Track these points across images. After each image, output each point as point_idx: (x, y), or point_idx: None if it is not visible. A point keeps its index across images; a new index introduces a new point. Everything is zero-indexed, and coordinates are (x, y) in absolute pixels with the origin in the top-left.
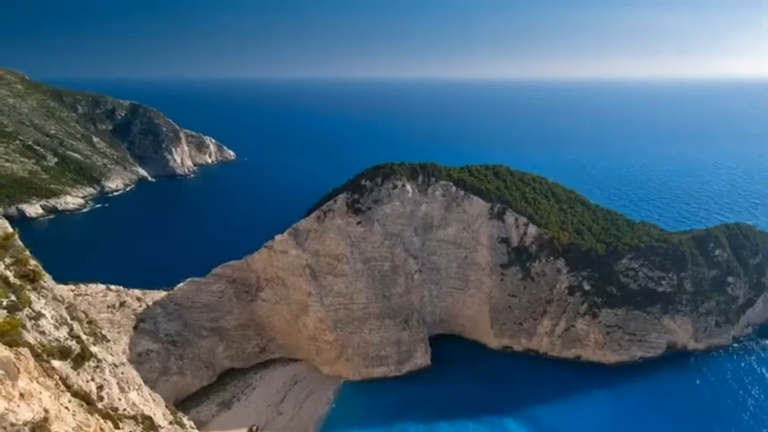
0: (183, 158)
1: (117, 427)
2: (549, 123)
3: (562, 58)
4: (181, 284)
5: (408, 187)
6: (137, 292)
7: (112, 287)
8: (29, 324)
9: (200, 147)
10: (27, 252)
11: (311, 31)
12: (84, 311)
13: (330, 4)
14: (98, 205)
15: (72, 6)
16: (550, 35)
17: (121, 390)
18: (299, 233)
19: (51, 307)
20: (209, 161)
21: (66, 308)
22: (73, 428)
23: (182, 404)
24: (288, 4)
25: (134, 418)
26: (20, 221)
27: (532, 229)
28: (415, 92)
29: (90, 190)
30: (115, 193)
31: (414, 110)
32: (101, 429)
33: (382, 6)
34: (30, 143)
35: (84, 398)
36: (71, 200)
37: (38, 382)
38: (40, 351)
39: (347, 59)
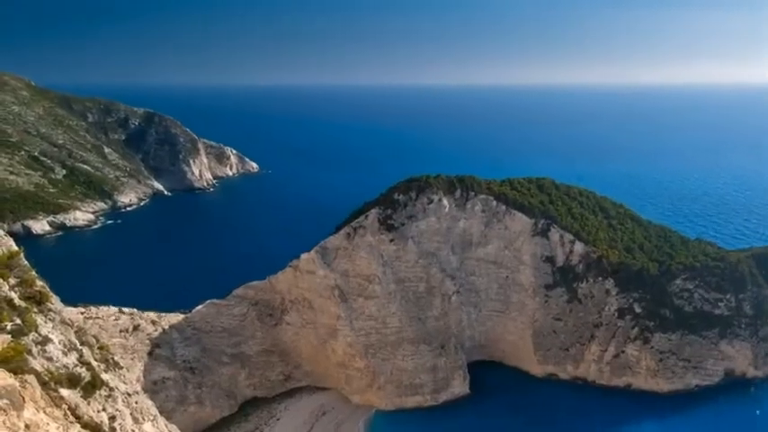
0: (201, 171)
1: None
2: (596, 132)
3: (610, 61)
4: (199, 307)
5: (445, 202)
6: (152, 315)
7: (125, 310)
8: (35, 350)
9: (221, 158)
10: (33, 272)
11: (338, 35)
12: (94, 336)
13: (359, 5)
14: (110, 221)
15: (81, 7)
16: (596, 37)
17: (135, 421)
18: (327, 251)
19: (59, 331)
20: (230, 173)
21: (76, 332)
22: None
23: None
24: (312, 7)
25: None
26: (25, 239)
27: (579, 247)
28: (451, 99)
29: (101, 205)
30: (128, 209)
31: (450, 118)
32: None
33: (414, 7)
34: (36, 154)
35: (94, 429)
36: (81, 215)
37: (45, 412)
38: (47, 379)
39: (378, 65)
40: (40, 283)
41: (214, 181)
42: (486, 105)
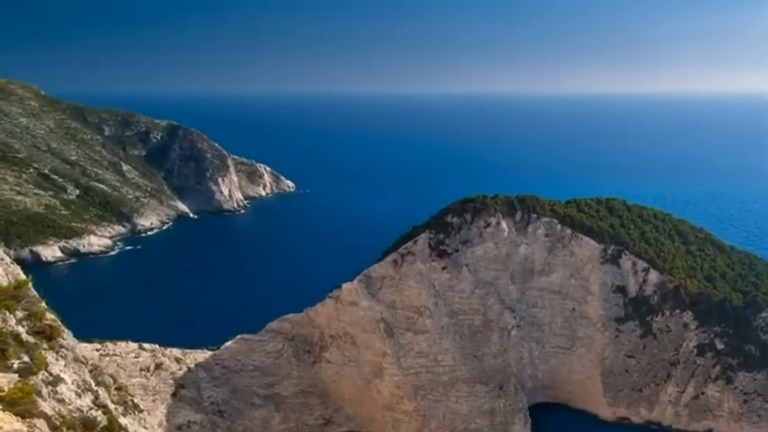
0: (231, 190)
1: None
2: (672, 147)
3: (684, 68)
4: (229, 343)
5: (504, 225)
6: (175, 351)
7: (146, 346)
8: (45, 391)
9: (252, 176)
10: (43, 304)
11: (379, 40)
12: (111, 375)
13: (409, 6)
14: (128, 247)
15: (97, 9)
16: (669, 42)
17: None
18: (372, 281)
19: (72, 370)
20: (263, 193)
21: (91, 371)
22: None
23: None
24: (354, 8)
25: None
26: (34, 267)
27: (654, 276)
28: (508, 109)
29: (119, 228)
30: (149, 233)
31: (508, 130)
32: None
33: (473, 8)
34: (46, 172)
35: None
36: (96, 240)
37: None
38: (58, 423)
39: (424, 71)
40: (50, 316)
41: (245, 202)
42: (549, 116)
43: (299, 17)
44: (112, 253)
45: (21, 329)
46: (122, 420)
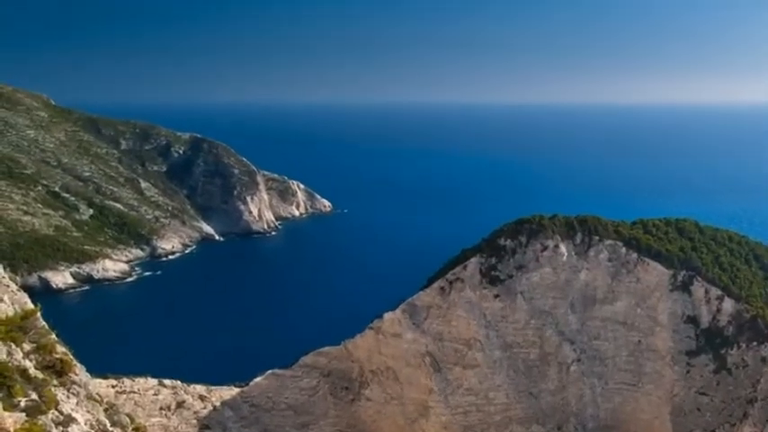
0: (261, 210)
1: None
2: (749, 162)
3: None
4: (258, 378)
5: (563, 248)
6: (199, 388)
7: (167, 382)
8: (55, 431)
9: (285, 194)
10: (53, 335)
11: (425, 42)
12: (128, 415)
13: (453, 5)
14: (147, 272)
15: (113, 10)
16: (746, 45)
17: None
18: (417, 310)
19: (85, 409)
20: (297, 213)
21: (106, 410)
22: None
23: None
24: (404, 8)
25: None
26: (43, 294)
27: (729, 305)
28: (567, 120)
29: (136, 252)
30: (170, 257)
31: (566, 144)
32: None
33: (527, 11)
34: (56, 189)
35: None
36: (111, 265)
37: None
38: None
39: (473, 79)
40: (61, 349)
41: (276, 222)
42: (611, 128)
43: (336, 20)
44: (130, 279)
45: (28, 364)
46: None
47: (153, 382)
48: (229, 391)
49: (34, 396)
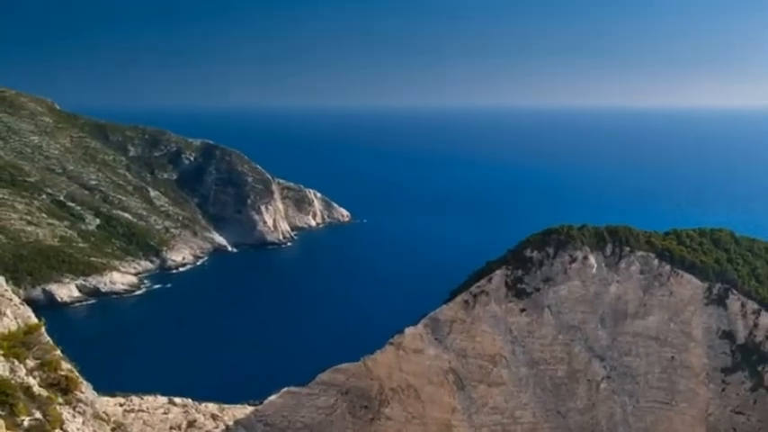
0: (276, 220)
1: None
2: None
3: None
4: (273, 396)
5: (592, 260)
6: (211, 406)
7: (177, 400)
8: None
9: (301, 203)
10: (58, 351)
11: (452, 45)
12: None
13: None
14: (157, 285)
15: (121, 10)
16: None
17: None
18: (440, 325)
19: (92, 428)
20: (314, 223)
21: (113, 429)
22: None
23: None
24: (436, 7)
25: None
26: (48, 308)
27: (766, 319)
28: (597, 125)
29: (145, 264)
30: (181, 269)
31: (596, 150)
32: None
33: (559, 11)
34: (61, 198)
35: None
36: (119, 278)
37: None
38: None
39: (496, 81)
40: (66, 365)
41: (292, 233)
42: (643, 132)
43: (355, 21)
44: (138, 292)
45: (32, 381)
46: None
47: (163, 400)
48: (243, 410)
49: (38, 415)
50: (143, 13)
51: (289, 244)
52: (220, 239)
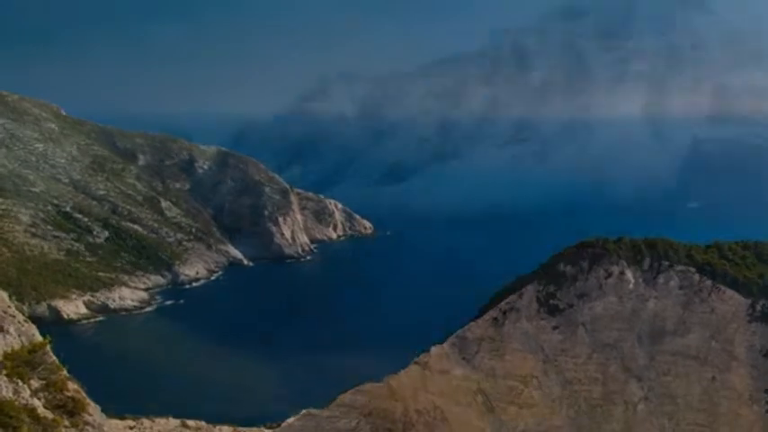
0: (294, 232)
1: None
2: None
3: None
4: (291, 419)
5: (629, 275)
6: (226, 429)
7: (190, 423)
8: None
9: (321, 215)
10: (64, 371)
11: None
12: None
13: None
14: (169, 301)
15: (130, 9)
16: None
17: None
18: (467, 343)
19: None
20: (334, 236)
21: None
22: None
23: None
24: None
25: None
26: (54, 325)
27: None
28: (628, 132)
29: (157, 279)
30: (194, 284)
31: (631, 158)
32: None
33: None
34: (68, 210)
35: None
36: (129, 293)
37: None
38: None
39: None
40: (72, 386)
41: (312, 246)
42: (678, 139)
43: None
44: (149, 309)
45: (37, 402)
46: None
47: (175, 422)
48: None
49: None
50: (152, 14)
51: (308, 257)
52: (236, 252)
